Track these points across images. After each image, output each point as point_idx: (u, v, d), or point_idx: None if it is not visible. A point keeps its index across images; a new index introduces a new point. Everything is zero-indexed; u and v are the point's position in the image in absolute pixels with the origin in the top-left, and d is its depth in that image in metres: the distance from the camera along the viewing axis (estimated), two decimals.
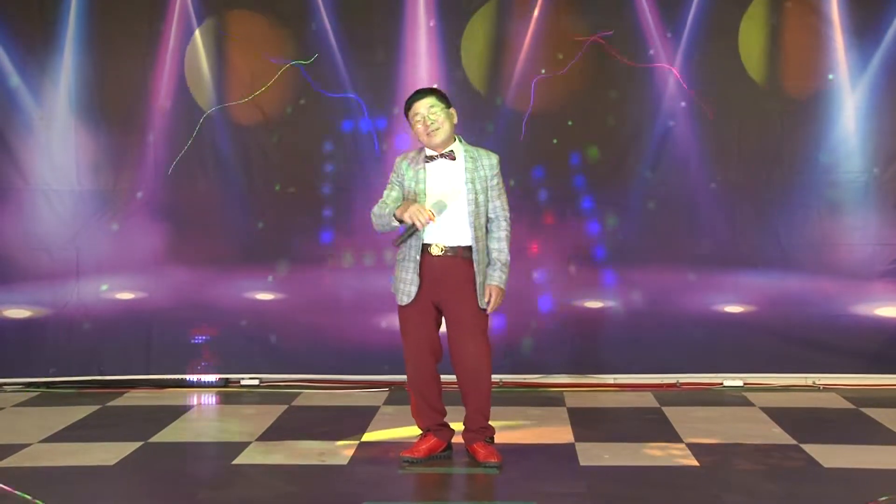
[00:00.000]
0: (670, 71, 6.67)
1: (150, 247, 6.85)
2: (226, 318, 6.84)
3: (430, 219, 4.78)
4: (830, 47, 6.63)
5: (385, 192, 5.02)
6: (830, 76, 6.62)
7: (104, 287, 6.83)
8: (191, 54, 6.78)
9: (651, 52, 6.69)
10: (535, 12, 6.69)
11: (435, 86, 5.08)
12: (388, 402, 6.41)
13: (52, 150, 6.79)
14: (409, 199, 4.91)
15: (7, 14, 6.73)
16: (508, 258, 5.03)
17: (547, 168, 6.78)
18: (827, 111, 6.67)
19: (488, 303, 4.96)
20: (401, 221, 4.82)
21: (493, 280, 4.97)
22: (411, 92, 5.11)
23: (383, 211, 4.92)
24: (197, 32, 6.75)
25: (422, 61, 6.75)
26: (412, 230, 4.82)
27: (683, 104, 6.69)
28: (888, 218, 6.68)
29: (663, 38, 6.68)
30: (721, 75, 6.71)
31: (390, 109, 6.78)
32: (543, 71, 6.69)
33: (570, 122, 6.77)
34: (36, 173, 6.80)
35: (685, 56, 6.68)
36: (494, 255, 5.02)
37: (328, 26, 6.74)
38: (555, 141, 6.77)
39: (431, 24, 6.72)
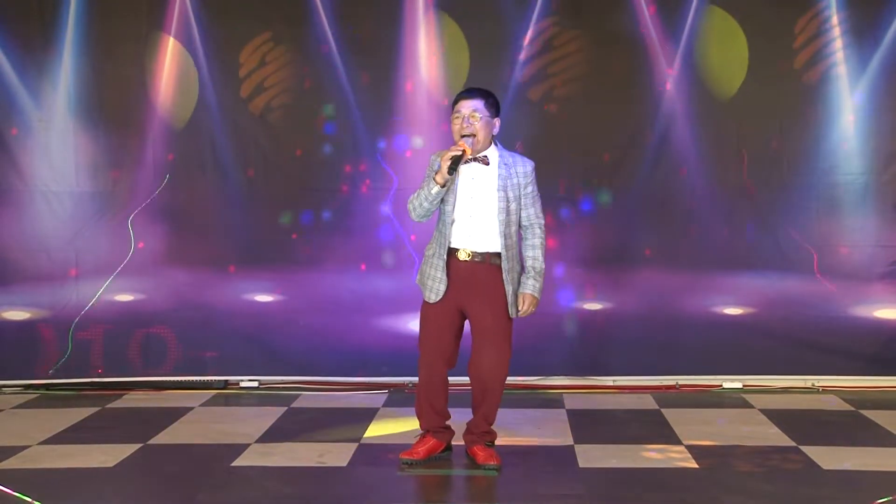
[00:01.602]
0: (669, 72, 6.68)
1: (149, 248, 6.85)
2: (225, 320, 6.84)
3: (461, 145, 4.78)
4: (830, 48, 6.63)
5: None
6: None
7: (103, 289, 6.84)
8: (189, 56, 6.78)
9: (650, 53, 6.69)
10: (535, 14, 6.70)
11: (487, 89, 5.06)
12: (387, 403, 6.41)
13: (51, 151, 6.79)
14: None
15: (6, 16, 6.72)
16: (543, 266, 4.99)
17: (546, 170, 6.72)
18: (826, 112, 6.67)
19: (519, 310, 4.95)
20: (443, 185, 4.79)
21: (527, 288, 4.95)
22: (410, 93, 5.10)
23: (421, 191, 4.86)
24: (195, 34, 6.75)
25: (421, 61, 6.75)
26: (457, 162, 4.77)
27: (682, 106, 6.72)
28: (887, 219, 6.69)
29: (662, 39, 6.69)
30: (720, 76, 6.71)
31: (389, 110, 6.78)
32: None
33: (569, 124, 6.77)
34: (35, 175, 6.80)
35: (684, 57, 6.69)
36: (529, 262, 4.99)
37: (327, 27, 6.74)
38: (554, 142, 6.77)
39: (432, 22, 6.72)
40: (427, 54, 6.75)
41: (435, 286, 4.90)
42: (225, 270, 6.84)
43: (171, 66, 6.78)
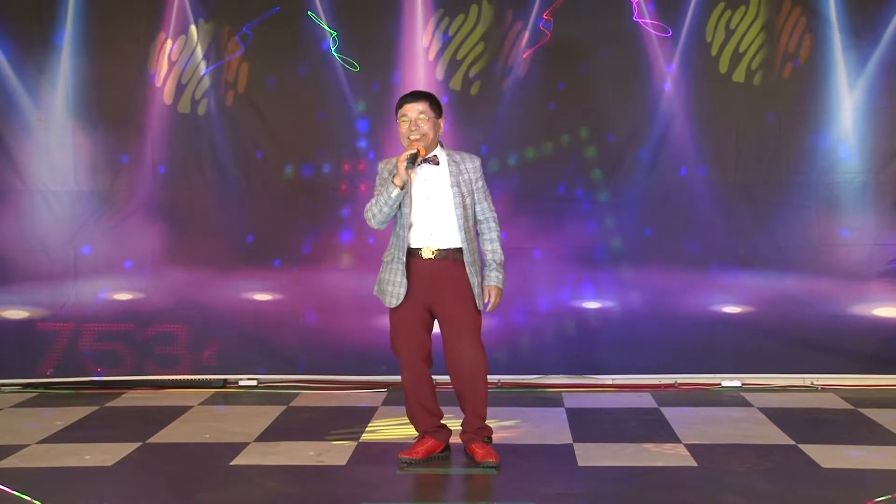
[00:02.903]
0: (669, 71, 6.68)
1: (148, 247, 6.85)
2: (224, 319, 6.84)
3: (415, 145, 4.87)
4: (828, 47, 6.64)
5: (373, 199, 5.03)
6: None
7: (102, 288, 6.83)
8: (187, 55, 6.78)
9: (648, 52, 6.70)
10: (533, 13, 6.70)
11: (428, 91, 5.12)
12: (386, 402, 6.41)
13: (50, 151, 6.79)
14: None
15: (5, 16, 6.72)
16: (503, 257, 5.07)
17: (545, 168, 6.78)
18: (825, 111, 6.67)
19: (488, 303, 4.98)
20: (402, 187, 4.85)
21: (492, 280, 5.02)
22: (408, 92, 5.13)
23: (379, 198, 4.93)
24: (194, 33, 6.75)
25: (420, 62, 6.76)
26: (414, 160, 4.85)
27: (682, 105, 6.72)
28: (886, 218, 6.69)
29: (661, 38, 6.69)
30: (718, 75, 6.71)
31: (388, 110, 6.78)
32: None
33: (568, 123, 6.77)
34: (34, 174, 6.80)
35: (683, 57, 6.69)
36: (489, 256, 5.06)
37: (326, 26, 6.74)
38: (553, 141, 6.77)
39: (430, 21, 6.73)
40: (426, 53, 6.75)
41: (395, 290, 4.94)
42: (224, 269, 6.84)
43: (169, 65, 6.78)
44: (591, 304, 6.83)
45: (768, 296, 6.73)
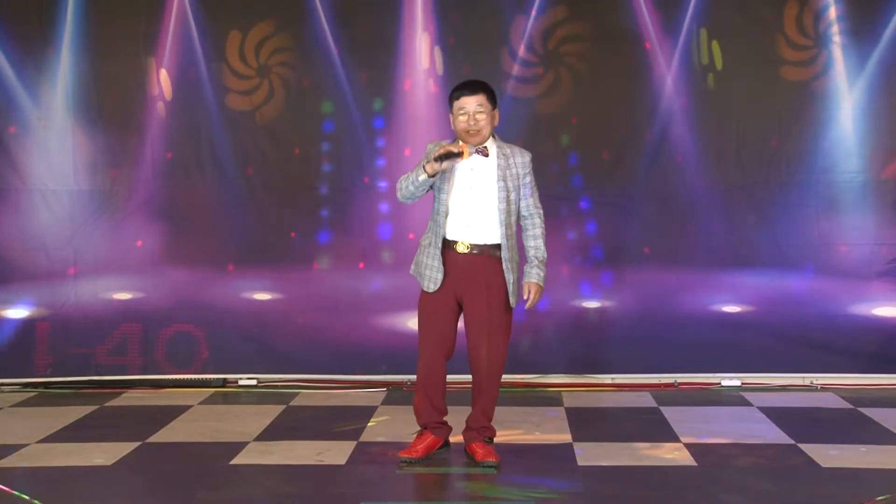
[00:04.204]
0: (668, 71, 6.69)
1: (148, 247, 6.84)
2: (223, 318, 6.84)
3: (463, 147, 4.76)
4: (828, 46, 6.64)
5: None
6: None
7: (102, 288, 6.83)
8: (187, 54, 6.78)
9: (648, 50, 6.70)
10: (533, 11, 6.70)
11: (483, 81, 5.02)
12: (385, 401, 6.41)
13: (49, 150, 6.79)
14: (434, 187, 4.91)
15: (5, 14, 6.72)
16: (546, 255, 5.02)
17: (545, 167, 6.76)
18: (824, 111, 6.68)
19: (527, 300, 4.96)
20: (431, 175, 4.78)
21: (532, 277, 4.97)
22: (409, 91, 5.11)
23: (410, 174, 4.85)
24: (194, 33, 6.75)
25: (420, 60, 6.76)
26: (452, 156, 4.75)
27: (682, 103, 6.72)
28: (886, 217, 6.69)
29: (661, 37, 6.69)
30: (718, 75, 6.71)
31: (387, 109, 6.79)
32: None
33: (567, 122, 6.78)
34: (34, 174, 6.80)
35: (682, 55, 6.70)
36: (532, 252, 5.01)
37: (326, 25, 6.74)
38: (552, 140, 6.78)
39: (430, 20, 6.73)
40: (425, 51, 6.75)
41: (433, 275, 4.90)
42: (224, 269, 6.84)
43: (168, 64, 6.78)
44: (591, 304, 6.83)
45: (768, 296, 6.74)
